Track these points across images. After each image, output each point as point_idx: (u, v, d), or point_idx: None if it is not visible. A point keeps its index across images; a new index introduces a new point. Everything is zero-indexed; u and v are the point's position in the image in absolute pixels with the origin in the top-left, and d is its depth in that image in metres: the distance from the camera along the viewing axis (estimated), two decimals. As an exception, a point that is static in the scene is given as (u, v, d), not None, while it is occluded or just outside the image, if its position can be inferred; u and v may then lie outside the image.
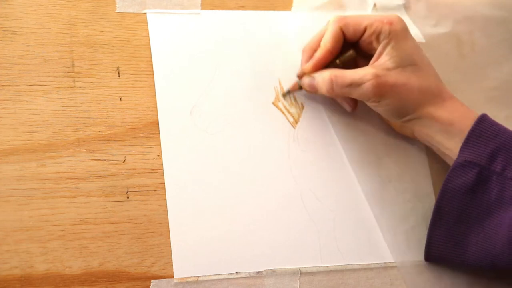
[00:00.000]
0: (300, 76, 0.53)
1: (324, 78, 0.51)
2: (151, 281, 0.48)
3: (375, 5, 0.58)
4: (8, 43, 0.50)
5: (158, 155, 0.50)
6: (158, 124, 0.51)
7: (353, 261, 0.52)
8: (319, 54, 0.52)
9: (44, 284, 0.46)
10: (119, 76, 0.52)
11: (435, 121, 0.50)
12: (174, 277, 0.48)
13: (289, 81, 0.55)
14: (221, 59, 0.54)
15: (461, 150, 0.49)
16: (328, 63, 0.52)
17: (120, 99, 0.51)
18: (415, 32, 0.57)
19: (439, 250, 0.50)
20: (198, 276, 0.48)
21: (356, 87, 0.50)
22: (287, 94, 0.55)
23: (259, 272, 0.50)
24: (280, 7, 0.57)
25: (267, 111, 0.54)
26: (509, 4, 0.61)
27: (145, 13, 0.54)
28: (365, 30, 0.51)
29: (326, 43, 0.51)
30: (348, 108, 0.54)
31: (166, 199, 0.50)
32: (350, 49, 0.52)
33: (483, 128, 0.49)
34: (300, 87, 0.54)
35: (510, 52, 0.60)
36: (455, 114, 0.50)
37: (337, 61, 0.52)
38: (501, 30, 0.60)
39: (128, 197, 0.49)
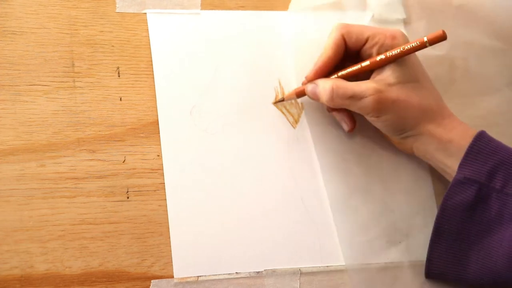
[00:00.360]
0: (304, 83, 0.53)
1: (325, 87, 0.50)
2: (151, 281, 0.48)
3: (373, 16, 0.57)
4: (8, 43, 0.50)
5: (158, 155, 0.50)
6: (158, 124, 0.51)
7: (353, 261, 0.52)
8: (319, 60, 0.51)
9: (44, 284, 0.46)
10: (119, 76, 0.52)
11: (434, 138, 0.50)
12: (174, 277, 0.48)
13: (289, 81, 0.55)
14: (221, 59, 0.54)
15: (459, 167, 0.48)
16: (331, 69, 0.51)
17: (120, 99, 0.51)
18: None
19: (440, 268, 0.50)
20: (198, 276, 0.48)
21: (357, 100, 0.49)
22: (278, 102, 0.54)
23: (259, 272, 0.50)
24: (280, 7, 0.57)
25: (267, 111, 0.54)
26: (509, 37, 0.59)
27: (145, 13, 0.54)
28: (367, 40, 0.50)
29: (327, 49, 0.51)
30: (346, 127, 0.53)
31: (166, 199, 0.50)
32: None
33: (482, 145, 0.48)
34: (297, 96, 0.53)
35: (502, 84, 0.58)
36: (454, 132, 0.50)
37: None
38: (497, 62, 0.58)
39: (128, 197, 0.49)
